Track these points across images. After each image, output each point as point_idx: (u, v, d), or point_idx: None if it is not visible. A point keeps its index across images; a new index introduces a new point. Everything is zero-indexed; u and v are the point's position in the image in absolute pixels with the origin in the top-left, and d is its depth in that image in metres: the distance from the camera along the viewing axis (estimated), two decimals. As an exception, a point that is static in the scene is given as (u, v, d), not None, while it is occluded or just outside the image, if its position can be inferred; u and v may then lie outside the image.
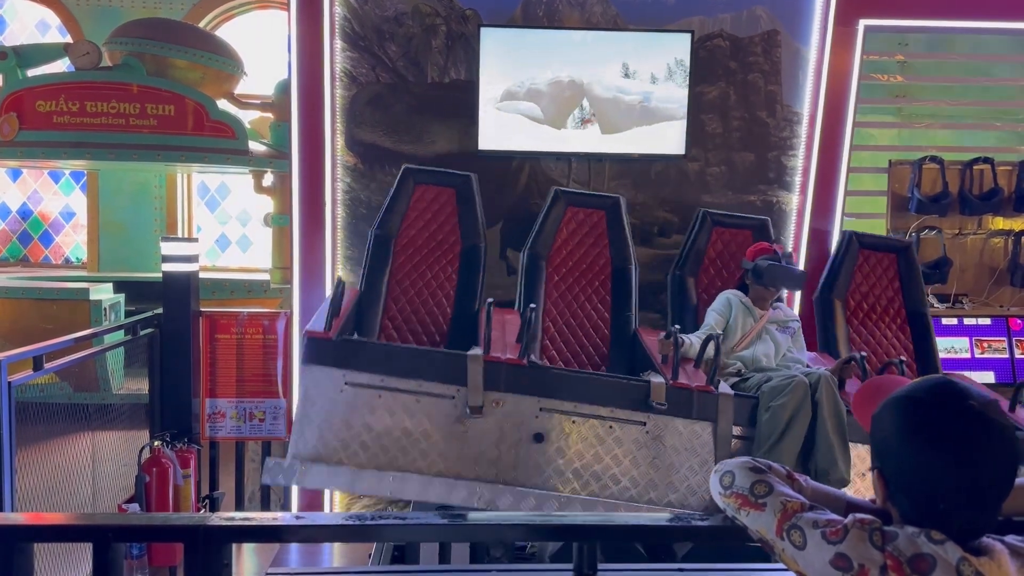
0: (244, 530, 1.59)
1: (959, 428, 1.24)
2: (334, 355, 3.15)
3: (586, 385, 3.21)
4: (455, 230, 4.03)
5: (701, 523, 1.58)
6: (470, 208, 4.05)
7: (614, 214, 4.16)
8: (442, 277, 3.97)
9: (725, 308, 3.78)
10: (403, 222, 4.00)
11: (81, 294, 6.66)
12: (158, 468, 3.94)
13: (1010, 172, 5.13)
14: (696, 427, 3.21)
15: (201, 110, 6.99)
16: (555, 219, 4.12)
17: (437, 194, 4.06)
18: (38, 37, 9.36)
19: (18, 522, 1.71)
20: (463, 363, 3.14)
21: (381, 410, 3.13)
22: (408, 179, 4.05)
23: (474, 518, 1.65)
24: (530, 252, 4.05)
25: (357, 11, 4.53)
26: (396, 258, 3.96)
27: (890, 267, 4.33)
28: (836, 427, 3.17)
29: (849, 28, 4.62)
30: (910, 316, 4.26)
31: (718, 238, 4.25)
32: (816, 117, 4.67)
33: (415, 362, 3.18)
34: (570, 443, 3.16)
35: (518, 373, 3.17)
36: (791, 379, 3.23)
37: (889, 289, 4.31)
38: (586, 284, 4.08)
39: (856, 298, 4.27)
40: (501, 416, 3.15)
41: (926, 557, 1.21)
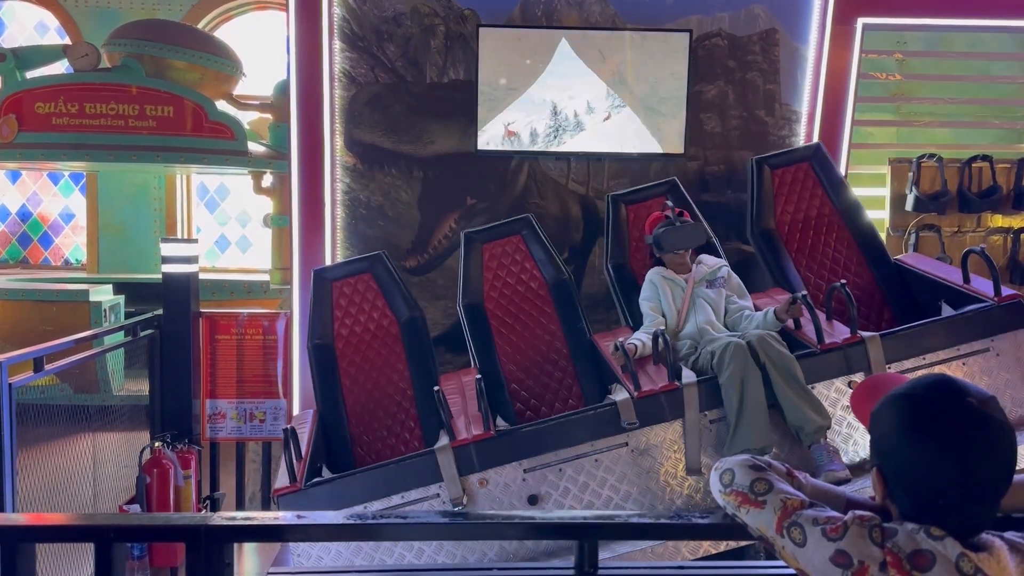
0: (245, 530, 1.60)
1: (958, 425, 1.24)
2: (311, 505, 3.09)
3: (558, 431, 3.17)
4: (386, 311, 3.94)
5: (701, 521, 1.59)
6: (391, 284, 3.95)
7: (530, 233, 4.08)
8: (392, 362, 3.88)
9: (652, 292, 3.73)
10: (334, 324, 3.91)
11: (81, 295, 6.67)
12: (159, 469, 3.95)
13: (1009, 170, 5.13)
14: (673, 427, 3.19)
15: (200, 111, 6.99)
16: (476, 262, 4.04)
17: (355, 283, 3.97)
18: (37, 39, 9.36)
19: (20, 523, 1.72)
20: (434, 459, 3.11)
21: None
22: (322, 282, 3.95)
23: (474, 518, 1.66)
24: (465, 304, 3.96)
25: (356, 12, 4.54)
26: (340, 362, 3.87)
27: (807, 176, 4.23)
28: (788, 381, 3.12)
29: (847, 27, 4.63)
30: (843, 215, 4.16)
31: (635, 216, 4.15)
32: (815, 116, 4.67)
33: (389, 477, 3.14)
34: (564, 492, 3.14)
35: (489, 447, 3.13)
36: (727, 344, 3.19)
37: (815, 198, 4.19)
38: (530, 311, 4.00)
39: (786, 220, 4.17)
40: (490, 495, 3.12)
41: (925, 553, 1.22)
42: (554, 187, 4.70)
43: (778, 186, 4.21)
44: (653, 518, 1.61)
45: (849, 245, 4.14)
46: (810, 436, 3.09)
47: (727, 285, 3.76)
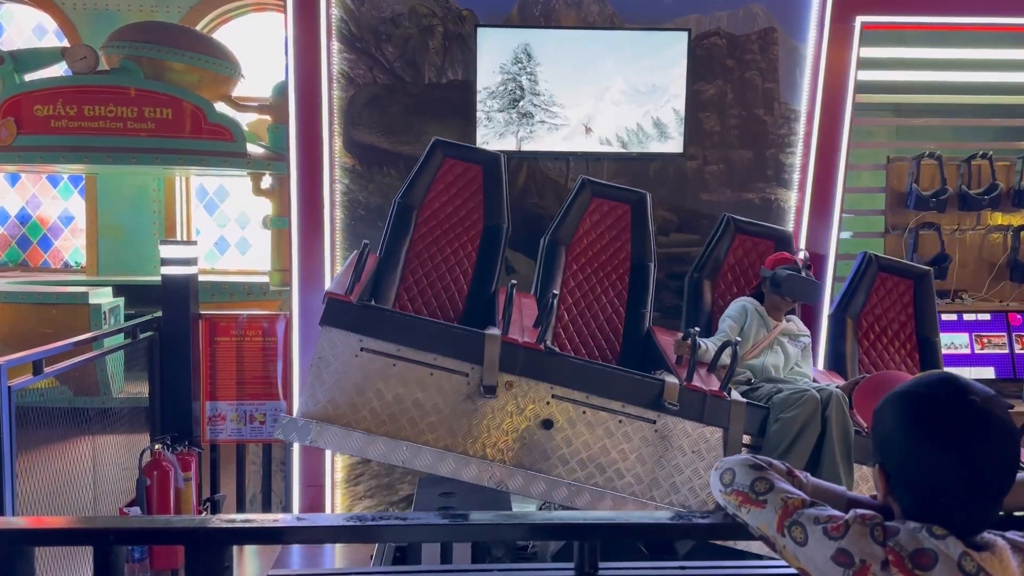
0: (245, 532, 1.59)
1: (960, 423, 1.24)
2: (353, 319, 3.12)
3: (601, 377, 3.19)
4: (479, 208, 3.96)
5: (702, 521, 1.58)
6: (496, 188, 3.97)
7: (639, 209, 4.10)
8: (461, 254, 3.92)
9: (740, 315, 3.75)
10: (427, 194, 3.92)
11: (80, 298, 6.67)
12: (159, 471, 3.94)
13: (1008, 167, 5.13)
14: (705, 431, 3.19)
15: (199, 113, 6.99)
16: (579, 208, 4.04)
17: (464, 170, 3.98)
18: (35, 41, 9.36)
19: (19, 526, 1.71)
20: (480, 341, 3.12)
21: (394, 379, 3.10)
22: (437, 151, 3.97)
23: (475, 518, 1.65)
24: (551, 239, 3.99)
25: (354, 12, 4.53)
26: (417, 229, 3.89)
27: (906, 293, 4.25)
28: (843, 446, 3.15)
29: (846, 25, 4.62)
30: (920, 343, 4.20)
31: (739, 245, 4.21)
32: (814, 114, 4.67)
33: (433, 335, 3.15)
34: (578, 433, 3.15)
35: (534, 357, 3.15)
36: (803, 392, 3.21)
37: (903, 314, 4.24)
38: (604, 276, 4.03)
39: (869, 320, 4.21)
40: (512, 398, 3.13)
41: (928, 552, 1.21)
42: (553, 187, 4.69)
43: (876, 287, 4.23)
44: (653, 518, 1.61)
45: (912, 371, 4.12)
46: None
47: (803, 352, 3.81)
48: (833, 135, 4.68)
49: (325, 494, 4.47)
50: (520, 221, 4.50)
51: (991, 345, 4.93)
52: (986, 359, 4.92)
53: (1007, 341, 4.93)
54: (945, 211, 5.03)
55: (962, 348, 4.90)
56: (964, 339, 4.90)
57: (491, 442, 3.12)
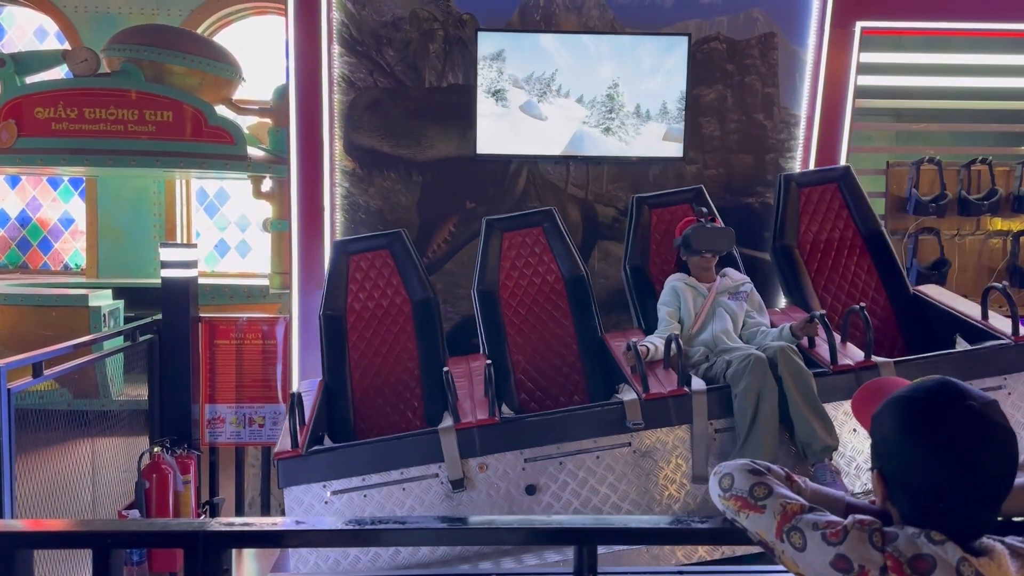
0: (244, 535, 1.59)
1: (959, 428, 1.24)
2: (310, 471, 3.12)
3: (563, 424, 3.18)
4: (400, 289, 3.99)
5: (701, 525, 1.58)
6: (409, 263, 4.00)
7: (551, 227, 4.10)
8: (401, 340, 3.92)
9: (672, 297, 3.72)
10: (347, 297, 3.95)
11: (80, 300, 6.67)
12: (158, 474, 3.94)
13: (1008, 173, 5.13)
14: (678, 432, 3.19)
15: (199, 116, 7.00)
16: (495, 250, 4.06)
17: (372, 259, 4.02)
18: (36, 44, 9.37)
19: (18, 529, 1.71)
20: (437, 439, 3.12)
21: (370, 508, 3.11)
22: (340, 254, 4.02)
23: (473, 522, 1.65)
24: (480, 290, 3.98)
25: (355, 16, 4.54)
26: (351, 335, 3.91)
27: (834, 198, 4.25)
28: (804, 397, 3.11)
29: (846, 30, 4.63)
30: (866, 240, 4.19)
31: (658, 220, 4.16)
32: (814, 119, 4.68)
33: (390, 452, 3.15)
34: (562, 485, 3.14)
35: (493, 432, 3.14)
36: (748, 357, 3.17)
37: (839, 220, 4.22)
38: (543, 303, 4.02)
39: (808, 239, 4.20)
40: (488, 479, 3.12)
41: (926, 558, 1.22)
42: (553, 191, 4.70)
43: (804, 204, 4.24)
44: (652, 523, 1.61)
45: (869, 271, 4.16)
46: (816, 454, 3.07)
47: (748, 300, 3.77)
48: (833, 140, 4.69)
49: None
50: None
51: (990, 350, 4.92)
52: (985, 364, 4.90)
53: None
54: (945, 216, 5.03)
55: (962, 353, 4.89)
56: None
57: None
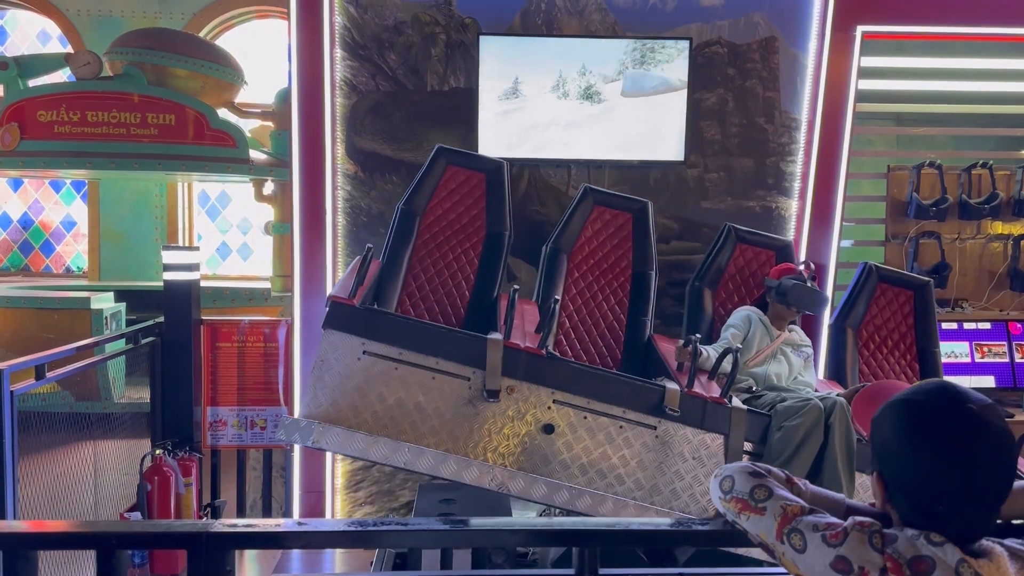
0: (246, 537, 1.60)
1: (958, 430, 1.25)
2: (356, 322, 3.12)
3: (602, 383, 3.21)
4: (481, 216, 3.99)
5: (701, 527, 1.59)
6: (499, 196, 4.00)
7: (641, 218, 4.12)
8: (464, 260, 3.94)
9: (744, 324, 3.76)
10: (430, 201, 3.95)
11: (82, 303, 6.68)
12: (160, 477, 3.95)
13: (1008, 177, 5.15)
14: (706, 437, 3.20)
15: (202, 119, 7.01)
16: (581, 216, 4.08)
17: (467, 177, 4.00)
18: (39, 47, 9.40)
19: (21, 530, 1.72)
20: (483, 346, 3.12)
21: (396, 382, 3.11)
22: (440, 159, 4.00)
23: (475, 524, 1.66)
24: (553, 246, 4.02)
25: (357, 20, 4.56)
26: (420, 235, 3.91)
27: (906, 303, 4.27)
28: (845, 455, 3.15)
29: (847, 34, 4.64)
30: (920, 354, 4.21)
31: (740, 254, 4.23)
32: (814, 123, 4.69)
33: (435, 339, 3.16)
34: (579, 438, 3.16)
35: (536, 362, 3.16)
36: (807, 401, 3.20)
37: (903, 325, 4.26)
38: (605, 284, 4.05)
39: (869, 330, 4.23)
40: (513, 403, 3.14)
41: (925, 559, 1.22)
42: (555, 194, 4.71)
43: (877, 298, 4.26)
44: (653, 524, 1.62)
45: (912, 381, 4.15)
46: None
47: (806, 362, 3.82)
48: (834, 144, 4.70)
49: (325, 500, 4.48)
50: (521, 228, 4.51)
51: (991, 354, 4.94)
52: (986, 368, 4.92)
53: (1007, 350, 4.94)
54: (945, 220, 5.05)
55: (962, 357, 4.91)
56: (964, 348, 4.91)
57: (492, 446, 3.13)
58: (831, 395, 3.33)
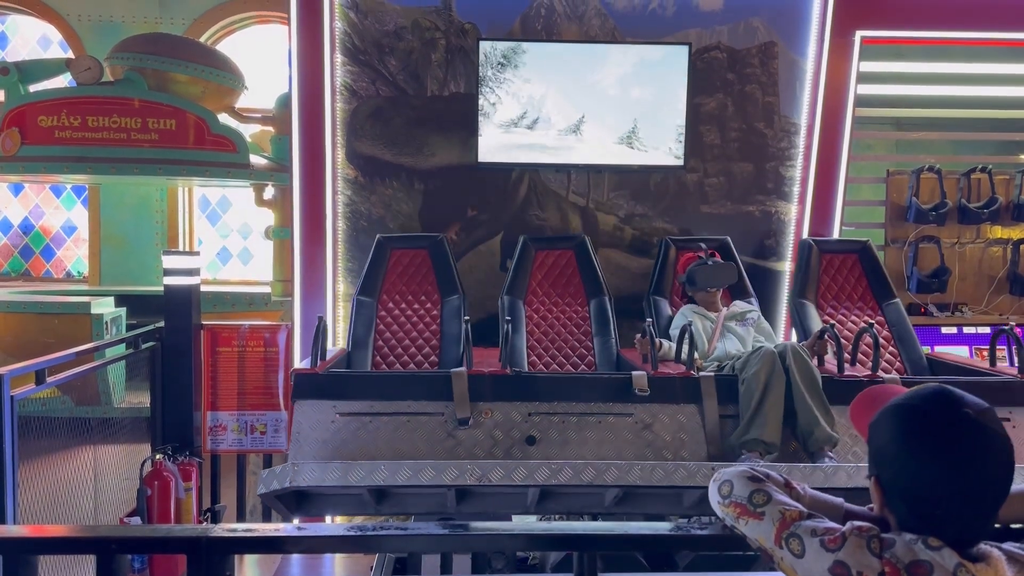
0: (246, 541, 1.60)
1: (955, 435, 1.25)
2: (324, 388, 3.23)
3: (571, 385, 3.29)
4: (432, 286, 4.29)
5: (700, 532, 1.59)
6: (444, 264, 4.29)
7: (582, 251, 4.40)
8: (427, 331, 4.16)
9: (683, 321, 3.87)
10: (383, 285, 4.24)
11: (83, 308, 6.67)
12: (160, 481, 3.94)
13: (1007, 181, 5.15)
14: (682, 413, 3.26)
15: (202, 124, 7.02)
16: (526, 265, 4.36)
17: (412, 256, 4.34)
18: (40, 53, 9.41)
19: (22, 535, 1.72)
20: (448, 381, 3.22)
21: (374, 434, 3.18)
22: (383, 248, 4.31)
23: (475, 528, 1.66)
24: (508, 297, 4.25)
25: (357, 26, 4.57)
26: (380, 320, 4.16)
27: (854, 266, 4.52)
28: (810, 388, 3.22)
29: (846, 39, 4.65)
30: (882, 306, 4.41)
31: (685, 261, 4.32)
32: (814, 128, 4.70)
33: (402, 385, 3.26)
34: (562, 440, 3.21)
35: (503, 382, 3.26)
36: (758, 349, 3.33)
37: (858, 286, 4.49)
38: (566, 320, 4.28)
39: (827, 298, 4.46)
40: (491, 425, 3.20)
41: (923, 564, 1.22)
42: (554, 199, 4.72)
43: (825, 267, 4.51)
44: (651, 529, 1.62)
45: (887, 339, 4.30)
46: (816, 442, 3.14)
47: (756, 326, 3.95)
48: (833, 148, 4.71)
49: (325, 505, 4.47)
50: (521, 232, 4.53)
51: (991, 358, 4.92)
52: (986, 372, 4.91)
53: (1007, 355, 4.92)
54: (945, 224, 5.05)
55: (962, 361, 4.90)
56: (964, 352, 4.90)
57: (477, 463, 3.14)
58: (783, 343, 3.43)
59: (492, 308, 4.32)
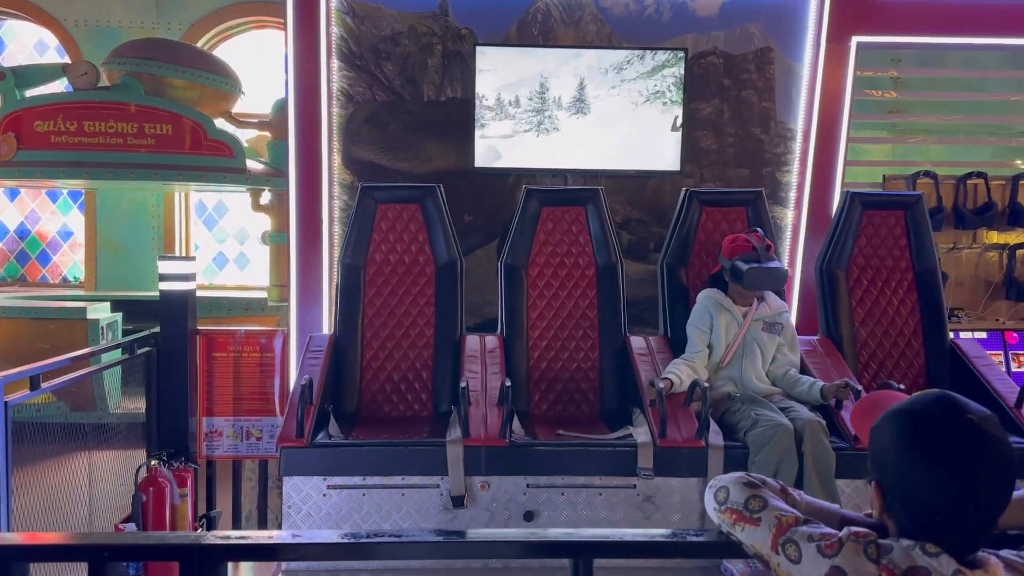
0: (240, 549, 1.59)
1: (956, 441, 1.24)
2: (311, 463, 3.14)
3: (571, 458, 3.17)
4: (425, 248, 3.85)
5: (696, 539, 1.59)
6: (439, 222, 3.86)
7: (595, 208, 3.93)
8: (420, 303, 3.83)
9: (704, 318, 3.55)
10: (369, 247, 3.83)
11: (78, 313, 6.65)
12: (155, 487, 3.92)
13: (1003, 186, 5.16)
14: (687, 483, 3.16)
15: (199, 129, 7.01)
16: (530, 223, 3.90)
17: (401, 211, 3.88)
18: (36, 57, 9.40)
19: (14, 542, 1.71)
20: (443, 452, 3.11)
21: (368, 507, 3.12)
22: (367, 199, 3.88)
23: (470, 536, 1.65)
24: (507, 264, 3.87)
25: (354, 31, 4.57)
26: (367, 289, 3.83)
27: (896, 225, 3.99)
28: (821, 476, 3.09)
29: (841, 45, 4.66)
30: (917, 277, 3.97)
31: (707, 219, 4.00)
32: (810, 133, 4.70)
33: (394, 458, 3.15)
34: (561, 514, 3.13)
35: (500, 455, 3.13)
36: (776, 428, 3.10)
37: (895, 249, 3.99)
38: (570, 291, 3.88)
39: (860, 264, 3.98)
40: (488, 499, 3.12)
41: (921, 570, 1.22)
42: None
43: (863, 227, 4.00)
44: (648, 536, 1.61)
45: (912, 311, 3.97)
46: None
47: (782, 333, 3.60)
48: (829, 154, 4.71)
49: (321, 511, 4.45)
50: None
51: (988, 363, 4.93)
52: (983, 377, 4.91)
53: (1003, 359, 4.93)
54: (941, 230, 5.06)
55: (959, 366, 4.90)
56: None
57: None
58: (803, 415, 3.21)
59: (490, 314, 4.31)
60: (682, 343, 3.64)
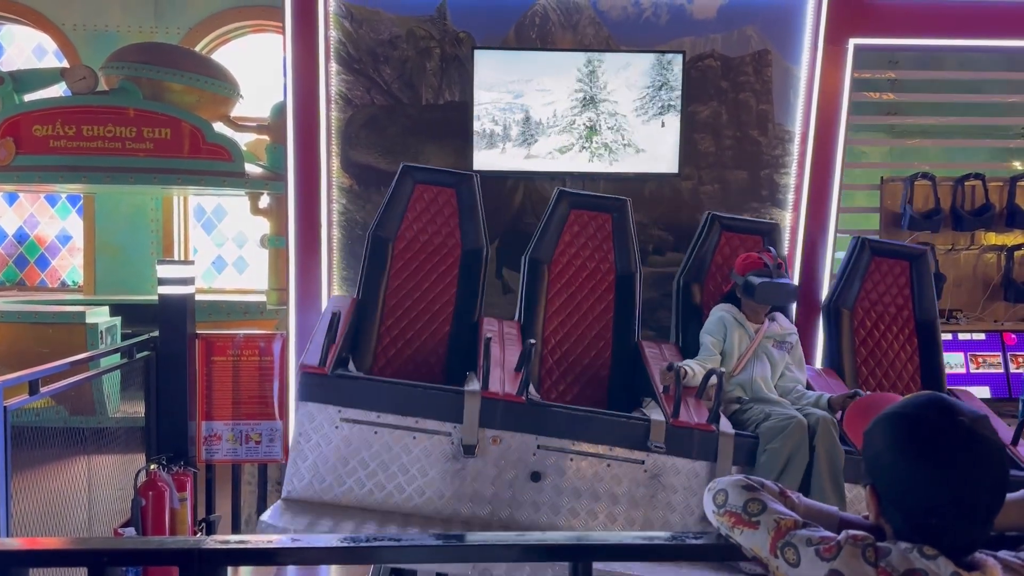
0: (239, 553, 1.59)
1: (950, 443, 1.25)
2: (329, 391, 3.13)
3: (585, 423, 3.17)
4: (455, 233, 3.94)
5: (695, 542, 1.59)
6: (471, 210, 3.94)
7: (620, 218, 4.04)
8: (441, 284, 3.89)
9: (719, 328, 3.67)
10: (401, 223, 3.91)
11: (77, 317, 6.65)
12: (154, 492, 3.93)
13: (1001, 188, 5.17)
14: (695, 466, 3.16)
15: (197, 133, 7.02)
16: (558, 222, 4.00)
17: (437, 194, 3.96)
18: (35, 62, 9.40)
19: (13, 547, 1.71)
20: (460, 400, 3.11)
21: (377, 446, 3.10)
22: (407, 178, 3.96)
23: (470, 539, 1.66)
24: (531, 257, 3.96)
25: (352, 35, 4.58)
26: (394, 262, 3.89)
27: (902, 275, 4.16)
28: (831, 474, 3.12)
29: (839, 47, 4.67)
30: (919, 326, 4.12)
31: (726, 243, 4.13)
32: (808, 135, 4.71)
33: (411, 399, 3.14)
34: (567, 480, 3.12)
35: (516, 410, 3.13)
36: (790, 420, 3.15)
37: (899, 298, 4.15)
38: (589, 292, 3.98)
39: (864, 307, 4.13)
40: (498, 454, 3.11)
41: (919, 572, 1.22)
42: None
43: (871, 272, 4.17)
44: (647, 539, 1.61)
45: (911, 357, 4.12)
46: None
47: (791, 352, 3.73)
48: (827, 156, 4.72)
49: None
50: (516, 240, 4.52)
51: (986, 365, 4.94)
52: (981, 379, 4.92)
53: (1002, 361, 4.94)
54: (939, 231, 5.06)
55: (957, 368, 4.91)
56: (959, 359, 4.91)
57: (480, 499, 3.09)
58: (815, 412, 3.26)
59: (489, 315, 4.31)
60: (694, 355, 3.70)
